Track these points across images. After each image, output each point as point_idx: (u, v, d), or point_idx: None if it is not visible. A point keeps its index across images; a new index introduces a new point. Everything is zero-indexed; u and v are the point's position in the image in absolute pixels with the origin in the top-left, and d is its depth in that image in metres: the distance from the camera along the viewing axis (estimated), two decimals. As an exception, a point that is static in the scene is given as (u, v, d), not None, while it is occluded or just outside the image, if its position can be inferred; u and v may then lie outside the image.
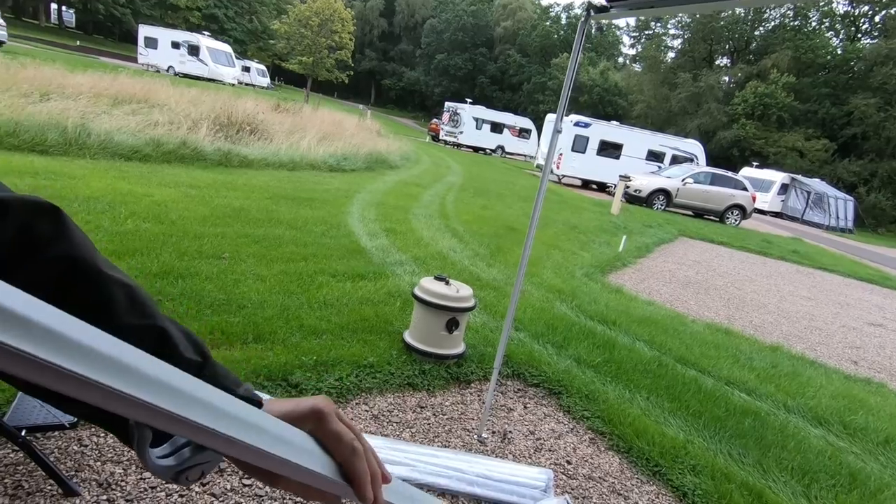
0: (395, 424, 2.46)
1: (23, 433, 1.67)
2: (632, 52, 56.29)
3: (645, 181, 15.97)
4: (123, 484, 1.80)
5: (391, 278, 4.34)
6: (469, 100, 29.57)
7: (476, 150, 28.64)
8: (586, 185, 20.05)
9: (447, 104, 29.91)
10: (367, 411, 2.51)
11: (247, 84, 35.23)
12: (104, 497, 1.73)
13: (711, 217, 16.56)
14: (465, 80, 56.34)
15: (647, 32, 48.87)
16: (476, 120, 28.63)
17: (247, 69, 38.14)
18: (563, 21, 56.73)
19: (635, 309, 5.04)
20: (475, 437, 2.50)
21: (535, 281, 5.25)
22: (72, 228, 0.43)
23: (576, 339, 3.81)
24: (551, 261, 6.26)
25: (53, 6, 45.86)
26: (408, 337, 3.12)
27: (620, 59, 59.59)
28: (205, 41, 29.79)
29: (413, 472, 2.08)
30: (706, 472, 2.47)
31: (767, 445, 2.83)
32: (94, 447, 1.93)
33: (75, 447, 1.91)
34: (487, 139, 29.30)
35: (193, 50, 29.43)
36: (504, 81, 56.69)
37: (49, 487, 1.71)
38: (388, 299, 3.84)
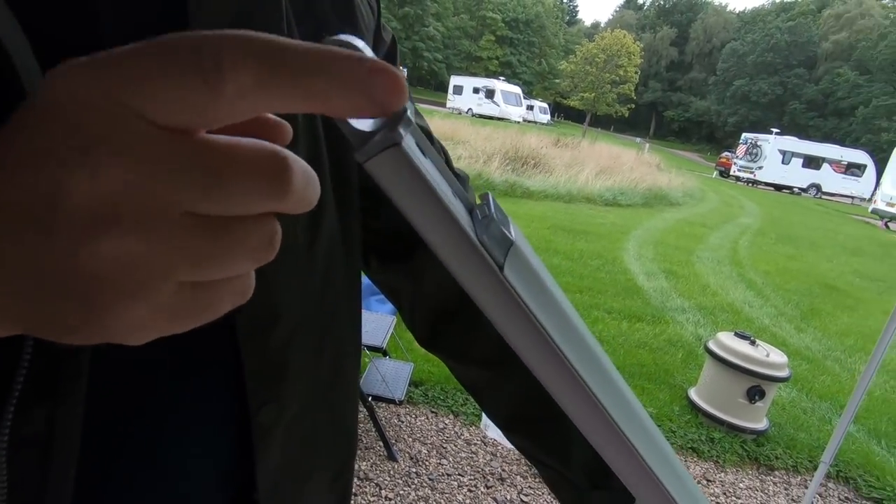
0: (675, 490, 2.21)
1: (369, 398, 2.13)
2: None
3: None
4: (427, 464, 2.10)
5: (671, 325, 3.97)
6: (776, 130, 25.11)
7: (778, 188, 23.99)
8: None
9: (744, 135, 26.04)
10: (643, 465, 2.33)
11: (529, 121, 38.24)
12: (413, 470, 2.05)
13: None
14: (771, 106, 48.29)
15: None
16: (783, 153, 23.97)
17: (530, 107, 41.42)
18: (933, 24, 43.00)
19: None
20: (782, 539, 2.04)
21: (882, 361, 4.02)
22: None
23: (947, 454, 2.74)
24: (898, 338, 4.70)
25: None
26: (694, 395, 2.78)
27: None
28: (499, 85, 33.66)
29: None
30: None
31: None
32: (408, 425, 2.32)
33: (395, 421, 2.34)
34: (796, 176, 24.15)
35: (490, 93, 33.59)
36: (827, 106, 46.29)
37: (377, 446, 2.13)
38: (669, 348, 3.51)
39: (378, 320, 2.35)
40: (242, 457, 0.34)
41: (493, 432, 2.25)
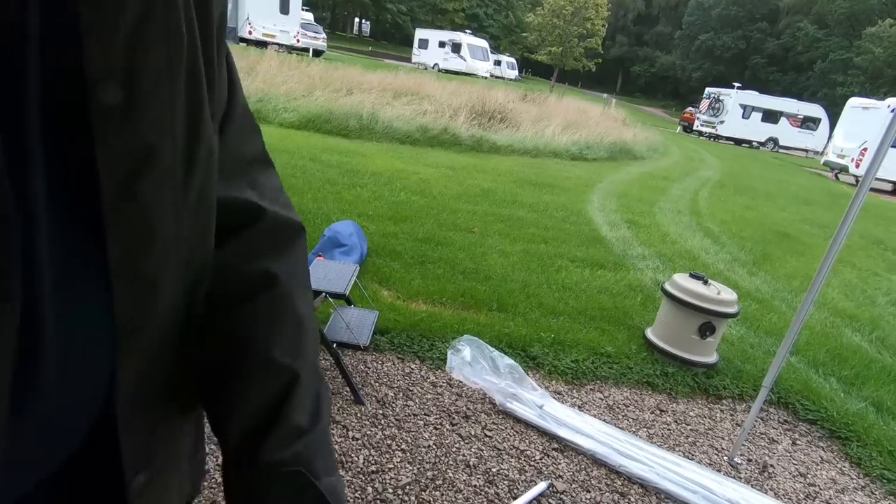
0: (630, 420, 2.34)
1: (334, 345, 2.14)
2: None
3: None
4: (394, 406, 2.15)
5: (632, 271, 4.10)
6: (737, 84, 25.44)
7: (738, 142, 24.57)
8: (901, 190, 15.34)
9: (707, 90, 26.32)
10: (601, 400, 2.45)
11: (497, 77, 37.54)
12: (380, 412, 2.10)
13: None
14: (734, 61, 48.74)
15: None
16: (743, 107, 24.39)
17: (498, 63, 40.56)
18: (890, -23, 43.66)
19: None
20: (725, 458, 2.20)
21: (816, 299, 4.28)
22: (298, 255, 0.45)
23: (875, 379, 2.99)
24: (841, 280, 5.01)
25: (356, 20, 56.64)
26: (650, 334, 2.91)
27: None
28: (466, 39, 32.73)
29: (650, 474, 1.95)
30: None
31: None
32: (375, 371, 2.35)
33: (362, 367, 2.36)
34: (755, 130, 24.73)
35: (456, 47, 32.66)
36: (787, 61, 47.05)
37: (344, 391, 2.16)
38: (629, 292, 3.64)
39: (340, 269, 2.34)
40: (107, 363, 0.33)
41: (457, 374, 2.31)
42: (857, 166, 14.59)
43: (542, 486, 1.83)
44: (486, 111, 10.46)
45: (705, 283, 2.74)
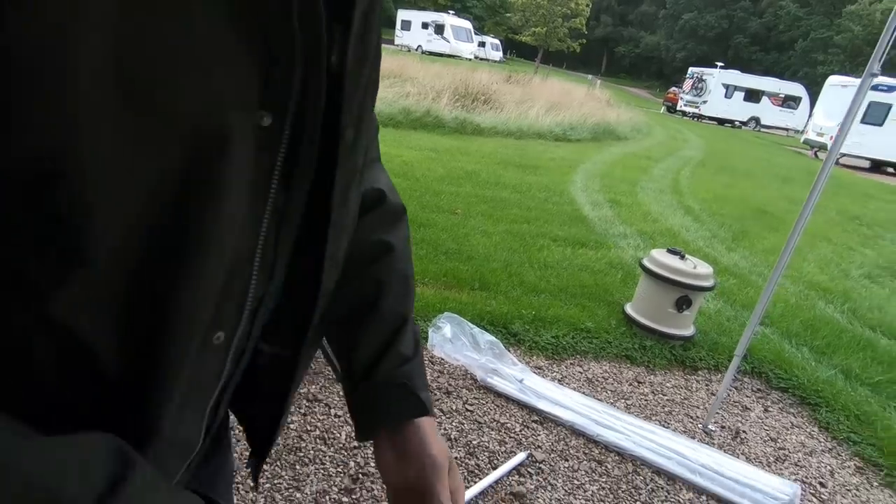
0: (609, 392, 2.40)
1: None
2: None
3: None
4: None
5: (613, 249, 4.15)
6: (720, 64, 25.55)
7: (721, 122, 24.76)
8: (878, 167, 15.65)
9: (690, 70, 26.41)
10: (580, 373, 2.50)
11: (481, 59, 37.17)
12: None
13: None
14: (717, 41, 48.88)
15: None
16: (726, 87, 24.55)
17: (482, 44, 40.11)
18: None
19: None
20: (699, 426, 2.27)
21: (791, 273, 4.38)
22: (404, 229, 0.58)
23: (845, 348, 3.08)
24: (816, 254, 5.12)
25: None
26: (629, 309, 2.96)
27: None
28: (449, 20, 32.29)
29: (626, 442, 2.00)
30: None
31: None
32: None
33: (344, 347, 2.37)
34: (738, 110, 24.95)
35: (439, 29, 32.22)
36: (769, 40, 47.32)
37: (326, 371, 2.18)
38: (609, 270, 3.69)
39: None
40: None
41: (438, 351, 2.34)
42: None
43: (521, 456, 1.87)
44: (470, 93, 10.39)
45: (682, 258, 2.79)
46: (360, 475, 1.71)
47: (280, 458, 1.73)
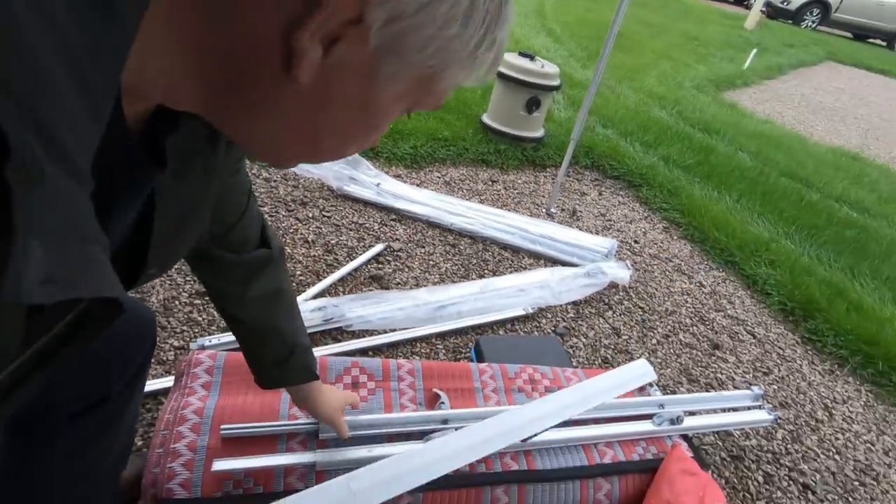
0: (465, 191, 2.52)
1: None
2: None
3: (799, -11, 12.86)
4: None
5: (475, 69, 4.08)
6: None
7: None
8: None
9: None
10: (439, 177, 2.58)
11: None
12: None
13: (878, 40, 13.40)
14: None
15: None
16: None
17: None
18: None
19: (746, 124, 4.47)
20: (543, 210, 2.52)
21: (634, 86, 4.73)
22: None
23: (669, 140, 3.51)
24: (658, 70, 5.53)
25: None
26: (485, 118, 3.02)
27: None
28: None
29: (476, 226, 2.17)
30: (785, 265, 2.36)
31: (866, 255, 2.61)
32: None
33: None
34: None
35: None
36: None
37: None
38: (469, 88, 3.66)
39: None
40: None
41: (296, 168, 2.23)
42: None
43: (378, 247, 1.95)
44: None
45: (532, 59, 2.82)
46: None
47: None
